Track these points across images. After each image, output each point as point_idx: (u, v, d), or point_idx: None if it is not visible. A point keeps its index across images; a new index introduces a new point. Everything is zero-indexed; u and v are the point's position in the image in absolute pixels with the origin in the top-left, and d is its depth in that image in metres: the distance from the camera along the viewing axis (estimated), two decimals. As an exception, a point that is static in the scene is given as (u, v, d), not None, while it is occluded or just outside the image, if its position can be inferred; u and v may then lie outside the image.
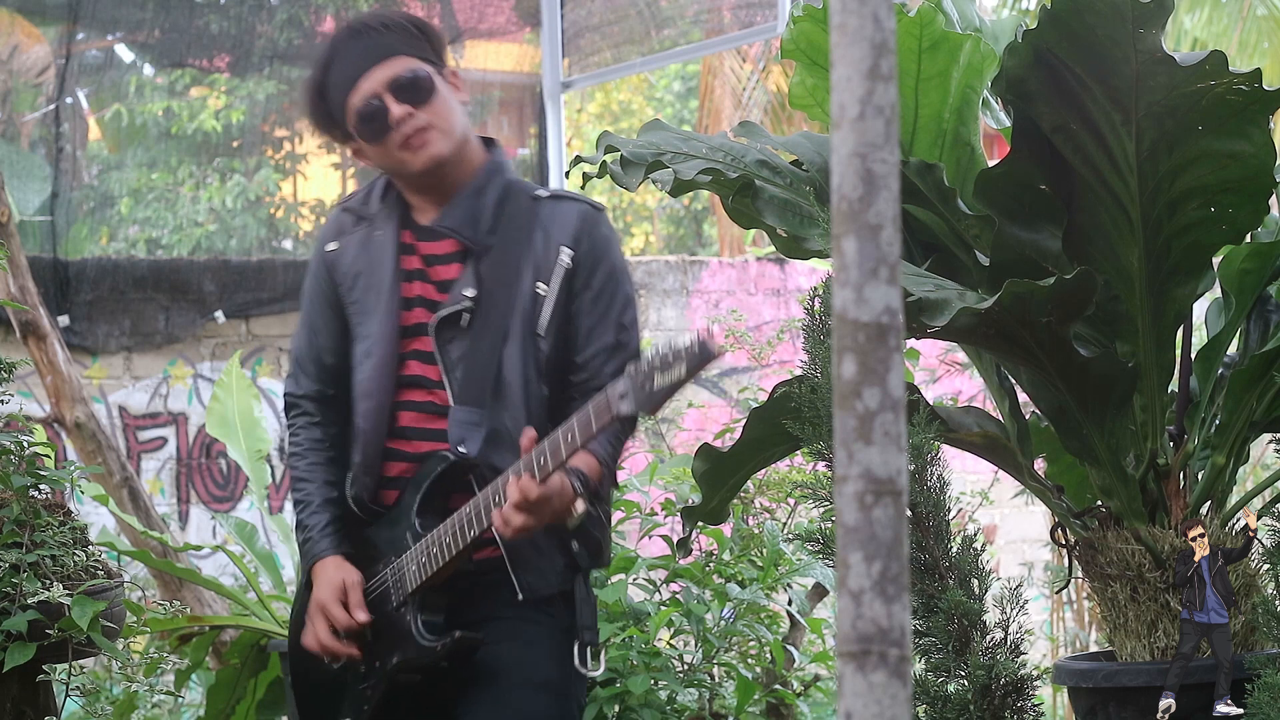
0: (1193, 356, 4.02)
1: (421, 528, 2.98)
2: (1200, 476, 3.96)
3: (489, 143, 3.12)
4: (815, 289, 3.72)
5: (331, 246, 3.13)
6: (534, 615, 3.00)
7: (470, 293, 3.00)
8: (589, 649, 2.99)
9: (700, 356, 2.60)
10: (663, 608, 4.85)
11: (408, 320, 3.05)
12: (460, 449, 2.97)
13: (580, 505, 2.86)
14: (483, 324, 3.00)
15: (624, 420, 2.71)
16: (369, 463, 3.06)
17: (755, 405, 4.19)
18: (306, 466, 3.13)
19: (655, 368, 2.64)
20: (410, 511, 3.00)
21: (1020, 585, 3.77)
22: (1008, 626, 3.65)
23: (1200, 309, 4.15)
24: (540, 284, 2.99)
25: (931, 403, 3.95)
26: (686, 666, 5.00)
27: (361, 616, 3.01)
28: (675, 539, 4.78)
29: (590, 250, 3.02)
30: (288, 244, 11.65)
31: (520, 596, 2.97)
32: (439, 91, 3.01)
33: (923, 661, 3.63)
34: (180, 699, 4.96)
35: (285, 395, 3.19)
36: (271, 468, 8.53)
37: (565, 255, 3.00)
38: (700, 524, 4.34)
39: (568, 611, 3.02)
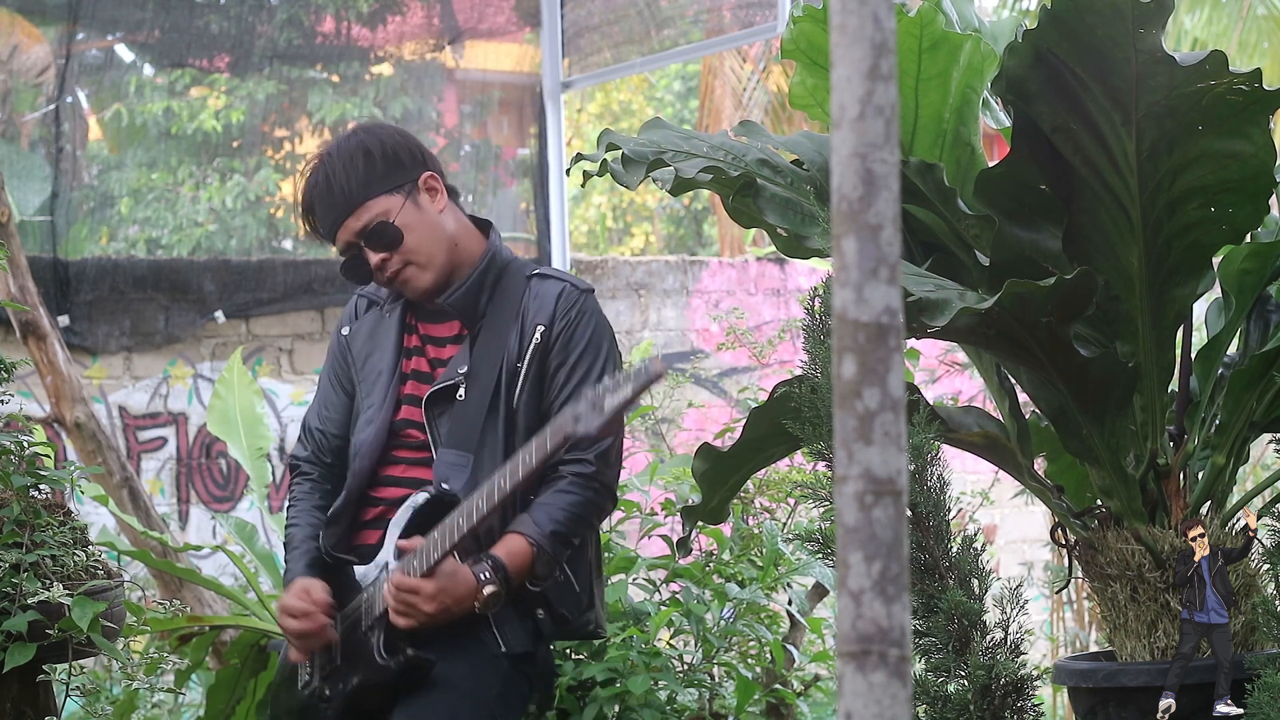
0: (1193, 356, 4.02)
1: (397, 556, 3.08)
2: (1200, 476, 3.95)
3: (485, 226, 3.29)
4: (815, 289, 3.72)
5: (346, 331, 3.36)
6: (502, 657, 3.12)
7: (463, 369, 3.16)
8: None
9: (646, 375, 2.71)
10: (663, 608, 4.85)
11: (402, 392, 3.24)
12: (444, 485, 3.10)
13: (486, 594, 2.97)
14: (470, 396, 3.15)
15: (580, 440, 2.80)
16: (340, 511, 3.21)
17: (755, 405, 4.19)
18: (295, 513, 3.31)
19: (608, 389, 2.77)
20: (392, 541, 3.12)
21: (1020, 585, 3.77)
22: (1008, 626, 3.65)
23: (1200, 309, 4.14)
24: (519, 362, 3.15)
25: (931, 403, 3.95)
26: (686, 666, 4.99)
27: (320, 596, 3.12)
28: (675, 539, 4.78)
29: (564, 328, 3.17)
30: (288, 244, 11.64)
31: (503, 649, 3.09)
32: (411, 228, 3.16)
33: (923, 661, 3.63)
34: (181, 697, 4.95)
35: (289, 459, 3.41)
36: (272, 466, 8.52)
37: (538, 333, 3.16)
38: (700, 524, 4.34)
39: (532, 670, 3.14)
